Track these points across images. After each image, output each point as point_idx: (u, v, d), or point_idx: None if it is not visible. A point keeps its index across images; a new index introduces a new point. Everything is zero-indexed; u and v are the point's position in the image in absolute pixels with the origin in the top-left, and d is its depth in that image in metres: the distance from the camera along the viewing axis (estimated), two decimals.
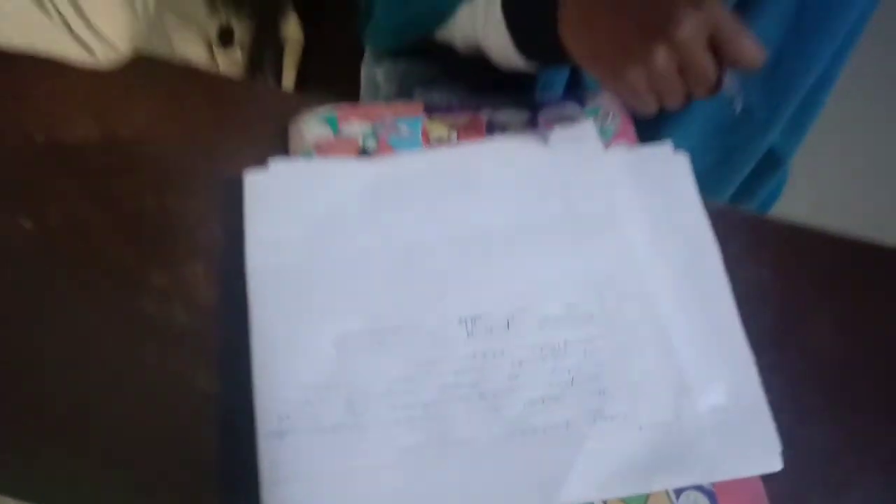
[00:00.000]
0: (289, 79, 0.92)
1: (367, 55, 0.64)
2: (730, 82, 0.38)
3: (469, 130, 0.50)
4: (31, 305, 0.45)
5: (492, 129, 0.50)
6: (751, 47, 0.36)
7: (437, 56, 0.55)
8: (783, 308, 0.47)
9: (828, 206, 1.14)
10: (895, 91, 1.48)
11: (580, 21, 0.39)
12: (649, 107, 0.38)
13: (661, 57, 0.35)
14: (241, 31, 0.82)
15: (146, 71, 0.55)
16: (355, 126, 0.51)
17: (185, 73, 0.57)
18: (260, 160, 0.48)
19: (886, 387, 0.45)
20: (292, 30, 0.91)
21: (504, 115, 0.51)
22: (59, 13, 0.49)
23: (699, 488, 0.39)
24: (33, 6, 0.48)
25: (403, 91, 0.60)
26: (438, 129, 0.51)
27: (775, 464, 0.39)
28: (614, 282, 0.44)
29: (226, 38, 0.81)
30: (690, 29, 0.35)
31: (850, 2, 0.51)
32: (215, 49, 0.80)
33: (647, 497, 0.39)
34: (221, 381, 0.43)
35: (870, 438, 0.43)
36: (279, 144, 0.51)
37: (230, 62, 0.82)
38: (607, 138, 0.49)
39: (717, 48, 0.36)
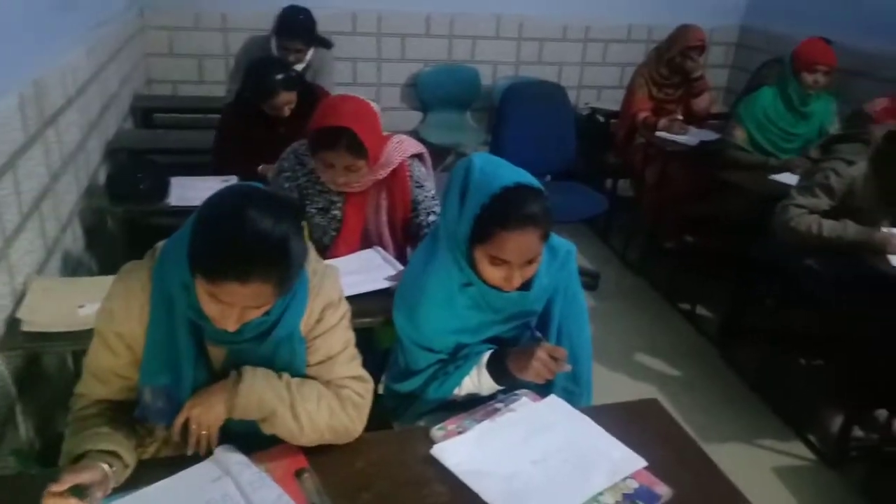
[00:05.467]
0: None
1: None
2: (560, 369, 1.45)
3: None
4: None
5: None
6: (563, 354, 1.45)
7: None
8: None
9: None
10: None
11: (513, 368, 1.49)
12: (539, 380, 1.46)
13: (535, 365, 1.43)
14: None
15: None
16: None
17: None
18: None
19: None
20: None
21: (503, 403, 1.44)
22: None
23: None
24: None
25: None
26: None
27: None
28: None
29: None
30: (541, 352, 1.43)
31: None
32: None
33: None
34: None
35: None
36: None
37: None
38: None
39: (553, 358, 1.44)
